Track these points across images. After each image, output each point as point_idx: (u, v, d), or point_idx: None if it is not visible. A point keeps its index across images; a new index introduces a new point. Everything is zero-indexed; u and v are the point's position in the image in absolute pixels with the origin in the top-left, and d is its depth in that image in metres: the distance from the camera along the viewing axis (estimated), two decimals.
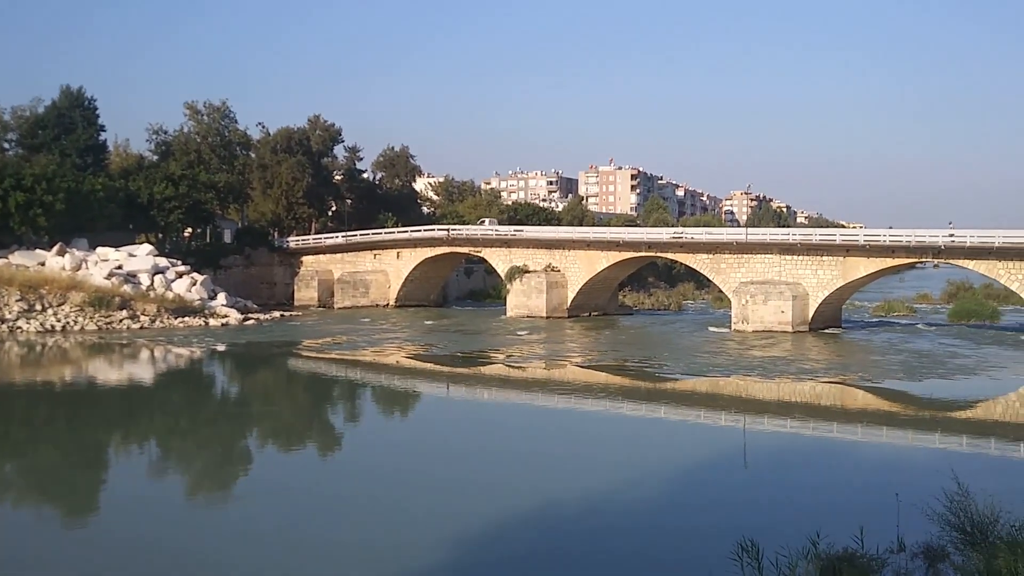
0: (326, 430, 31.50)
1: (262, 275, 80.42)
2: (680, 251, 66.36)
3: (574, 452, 26.20)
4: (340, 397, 38.03)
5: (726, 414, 31.95)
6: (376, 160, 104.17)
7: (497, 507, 19.43)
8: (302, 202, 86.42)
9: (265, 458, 26.88)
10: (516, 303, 69.22)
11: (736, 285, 60.66)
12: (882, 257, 57.31)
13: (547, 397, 36.08)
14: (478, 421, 32.07)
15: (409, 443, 28.19)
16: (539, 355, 48.02)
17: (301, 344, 51.38)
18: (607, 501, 20.20)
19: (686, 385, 39.02)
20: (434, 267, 78.63)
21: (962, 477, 13.02)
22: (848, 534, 12.60)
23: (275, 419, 33.61)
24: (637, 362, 45.19)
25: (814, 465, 24.85)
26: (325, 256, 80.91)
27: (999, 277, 53.96)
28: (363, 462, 25.20)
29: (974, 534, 12.26)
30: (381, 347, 50.57)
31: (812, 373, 40.68)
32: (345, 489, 21.59)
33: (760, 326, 57.61)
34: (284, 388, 41.57)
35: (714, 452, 26.08)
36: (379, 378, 41.61)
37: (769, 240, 62.10)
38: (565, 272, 69.29)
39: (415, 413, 35.11)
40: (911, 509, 14.05)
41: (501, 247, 72.84)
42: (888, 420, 31.75)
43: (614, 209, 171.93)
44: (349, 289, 77.45)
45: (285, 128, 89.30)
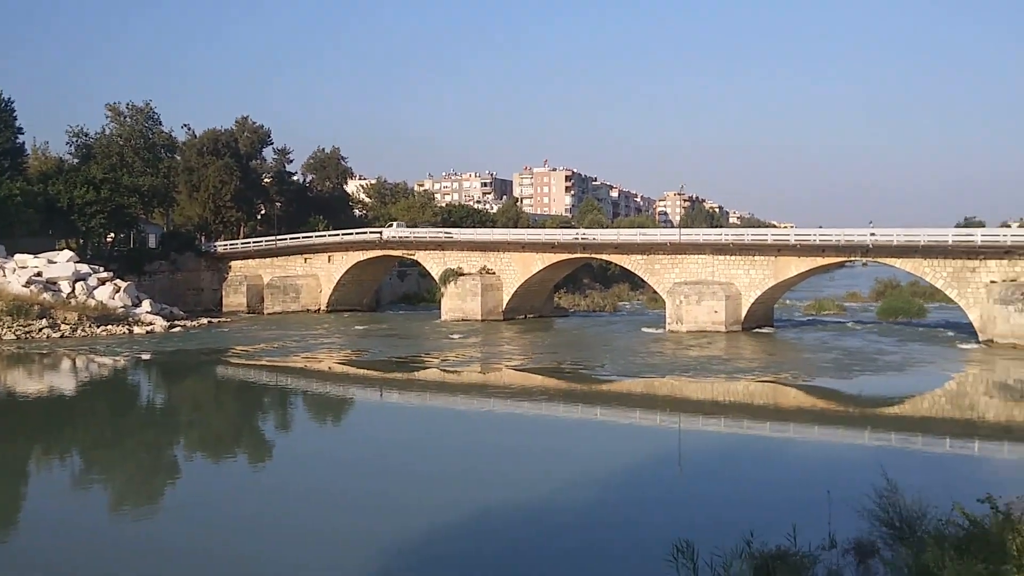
0: (256, 439, 30.67)
1: (189, 281, 78.61)
2: (615, 252, 66.68)
3: (510, 456, 25.91)
4: (270, 405, 37.17)
5: (661, 415, 32.01)
6: (306, 162, 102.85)
7: (429, 515, 19.02)
8: (230, 205, 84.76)
9: (193, 469, 26.01)
10: (451, 306, 68.78)
11: (670, 286, 61.12)
12: (812, 256, 58.30)
13: (483, 401, 35.81)
14: (412, 427, 31.55)
15: (341, 451, 27.59)
16: (475, 359, 47.69)
17: (230, 351, 50.20)
18: (542, 507, 19.93)
19: (622, 386, 39.05)
20: (367, 271, 77.77)
21: (891, 473, 13.06)
22: (781, 532, 12.52)
23: (203, 428, 32.67)
24: (573, 364, 45.14)
25: (748, 464, 24.97)
26: (254, 261, 79.47)
27: (924, 275, 55.33)
28: (293, 471, 24.54)
29: (903, 529, 12.30)
30: (313, 353, 49.67)
31: (745, 372, 41.08)
32: (275, 500, 20.97)
33: (694, 326, 58.11)
34: (212, 396, 40.48)
35: (650, 453, 26.04)
36: (310, 385, 40.82)
37: (702, 240, 62.74)
38: (500, 274, 69.08)
39: (347, 420, 34.45)
40: (842, 506, 14.06)
41: (435, 250, 72.34)
42: (820, 418, 32.16)
43: (549, 210, 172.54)
44: (279, 294, 76.16)
45: (212, 130, 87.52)
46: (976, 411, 34.33)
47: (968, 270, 52.74)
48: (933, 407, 35.24)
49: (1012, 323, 49.22)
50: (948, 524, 11.58)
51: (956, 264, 53.14)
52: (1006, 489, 12.65)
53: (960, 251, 53.12)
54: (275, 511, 19.93)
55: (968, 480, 19.81)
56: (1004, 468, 22.71)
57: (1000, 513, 11.17)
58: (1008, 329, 49.39)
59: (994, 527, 10.91)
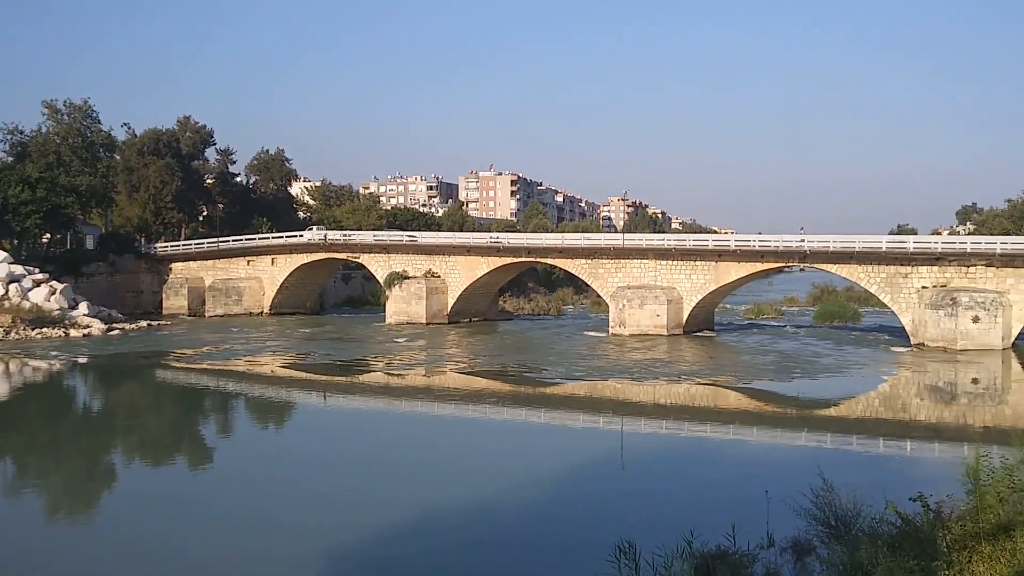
0: (196, 443, 30.20)
1: (128, 283, 77.03)
2: (560, 256, 67.05)
3: (454, 459, 25.94)
4: (211, 409, 36.63)
5: (604, 416, 32.29)
6: (250, 163, 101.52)
7: (372, 517, 18.97)
8: (171, 206, 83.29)
9: (131, 473, 25.55)
10: (395, 310, 68.51)
11: (613, 290, 61.69)
12: (752, 261, 59.34)
13: (427, 404, 35.76)
14: (356, 430, 31.39)
15: (283, 454, 27.32)
16: (419, 362, 47.57)
17: (170, 354, 49.31)
18: (486, 508, 20.01)
19: (566, 389, 39.30)
20: (310, 273, 77.08)
21: (827, 473, 13.42)
22: (721, 531, 12.79)
23: (142, 433, 32.05)
24: (517, 367, 45.29)
25: (689, 464, 25.35)
26: (196, 263, 78.20)
27: (859, 280, 56.71)
28: (235, 475, 24.26)
29: (838, 527, 12.65)
30: (255, 356, 49.08)
31: (687, 375, 41.66)
32: (216, 503, 20.73)
33: (637, 330, 58.72)
34: (151, 400, 39.74)
35: (593, 455, 26.26)
36: (252, 388, 40.31)
37: (645, 245, 63.43)
38: (445, 278, 69.01)
39: (290, 424, 34.09)
40: (780, 505, 14.41)
41: (380, 253, 71.97)
42: (759, 420, 32.76)
43: (494, 214, 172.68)
44: (221, 297, 75.09)
45: (153, 129, 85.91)
46: (908, 413, 35.29)
47: (901, 276, 54.22)
48: (867, 409, 36.12)
49: (942, 327, 50.71)
50: (882, 522, 11.93)
51: (889, 270, 54.59)
52: (937, 488, 13.06)
53: (893, 258, 54.58)
54: (212, 513, 19.73)
55: (901, 479, 20.35)
56: (935, 467, 23.36)
57: (931, 511, 11.54)
58: (938, 333, 50.89)
59: (925, 525, 11.26)
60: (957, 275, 52.63)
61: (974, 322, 49.90)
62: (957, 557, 10.42)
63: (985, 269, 51.97)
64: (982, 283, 51.80)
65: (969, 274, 52.34)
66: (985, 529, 10.69)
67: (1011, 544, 10.21)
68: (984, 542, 10.51)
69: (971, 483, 11.44)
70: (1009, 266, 51.43)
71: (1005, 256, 51.73)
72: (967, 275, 52.38)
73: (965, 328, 49.92)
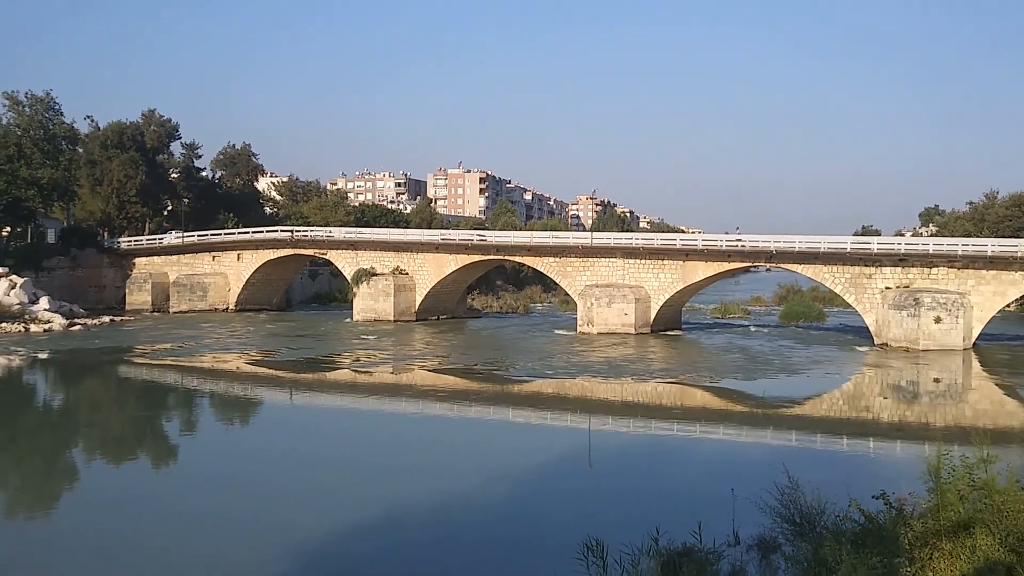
0: (159, 440, 29.81)
1: (90, 278, 75.96)
2: (528, 254, 67.10)
3: (421, 457, 25.83)
4: (175, 406, 36.19)
5: (572, 415, 32.34)
6: (216, 158, 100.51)
7: (338, 515, 18.87)
8: (135, 200, 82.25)
9: (93, 471, 25.16)
10: (363, 307, 68.19)
11: (582, 288, 61.87)
12: (719, 261, 59.78)
13: (395, 402, 35.62)
14: (322, 428, 31.13)
15: (248, 452, 27.04)
16: (387, 359, 47.36)
17: (133, 350, 48.72)
18: (453, 507, 19.95)
19: (533, 387, 39.31)
20: (277, 269, 76.53)
21: (792, 471, 13.53)
22: (688, 529, 12.85)
23: (104, 430, 31.57)
24: (485, 365, 45.25)
25: (656, 463, 25.46)
26: (160, 258, 77.34)
27: (824, 280, 57.36)
28: (199, 472, 23.96)
29: (803, 525, 12.76)
30: (220, 353, 48.59)
31: (654, 373, 41.87)
32: (179, 501, 20.45)
33: (605, 328, 58.94)
34: (114, 397, 39.18)
35: (561, 453, 26.28)
36: (217, 385, 39.90)
37: (613, 244, 63.69)
38: (414, 275, 68.82)
39: (255, 421, 33.75)
40: (746, 503, 14.49)
41: (347, 249, 71.60)
42: (725, 418, 32.98)
43: (463, 212, 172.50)
44: (186, 292, 74.32)
45: (117, 122, 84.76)
46: (871, 411, 35.72)
47: (865, 276, 54.91)
48: (832, 407, 36.51)
49: (905, 327, 51.43)
50: (845, 520, 12.04)
51: (854, 271, 55.27)
52: (899, 485, 13.22)
53: (857, 258, 55.27)
54: (175, 511, 19.48)
55: (864, 477, 20.57)
56: (897, 466, 23.65)
57: (893, 508, 11.68)
58: (901, 333, 51.60)
59: (888, 522, 11.39)
60: (920, 276, 53.40)
61: (936, 322, 50.64)
62: (919, 554, 10.56)
63: (947, 270, 52.78)
64: (944, 284, 52.60)
65: (931, 275, 53.13)
66: (946, 526, 10.84)
67: (971, 541, 10.36)
68: (945, 539, 10.65)
69: (932, 481, 11.59)
70: (970, 267, 52.28)
71: (966, 258, 52.59)
72: (929, 276, 53.17)
73: (927, 328, 50.65)
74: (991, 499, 11.06)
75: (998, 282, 51.98)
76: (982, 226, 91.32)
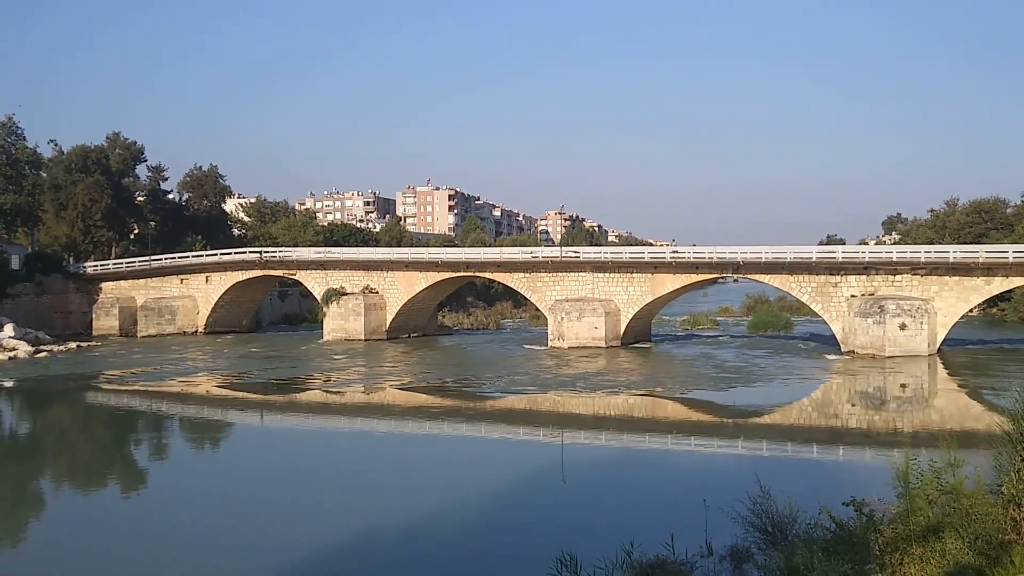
0: (127, 468, 29.41)
1: (56, 304, 74.85)
2: (498, 270, 67.15)
3: (394, 476, 25.72)
4: (144, 431, 35.71)
5: (545, 430, 32.36)
6: (183, 180, 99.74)
7: (311, 533, 18.71)
8: (101, 225, 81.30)
9: (61, 499, 24.79)
10: (333, 326, 67.85)
11: (552, 303, 62.01)
12: (687, 273, 60.20)
13: (366, 421, 35.43)
14: (294, 448, 30.89)
15: (220, 475, 26.80)
16: (358, 379, 47.13)
17: (101, 376, 48.06)
18: (428, 524, 19.88)
19: (506, 403, 39.30)
20: (246, 291, 75.94)
21: (764, 480, 13.62)
22: (661, 541, 12.92)
23: (71, 458, 31.12)
24: (457, 382, 45.16)
25: (629, 476, 25.53)
26: (127, 282, 76.42)
27: (791, 290, 57.94)
28: (170, 498, 23.65)
29: (775, 534, 12.83)
30: (190, 377, 48.05)
31: (625, 387, 42.01)
32: (151, 526, 20.18)
33: (575, 342, 59.07)
34: (81, 424, 38.61)
35: (534, 468, 26.28)
36: (187, 409, 39.44)
37: (583, 259, 63.92)
38: (384, 294, 68.61)
39: (226, 444, 33.42)
40: (718, 513, 14.57)
41: (317, 269, 71.24)
42: (696, 429, 33.15)
43: (432, 229, 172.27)
44: (154, 316, 73.51)
45: (81, 146, 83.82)
46: (840, 419, 36.09)
47: (831, 285, 55.56)
48: (801, 416, 36.84)
49: (871, 335, 52.06)
50: (817, 527, 12.14)
51: (820, 280, 55.90)
52: (869, 492, 13.35)
53: (823, 267, 55.92)
54: (146, 541, 19.22)
55: (835, 484, 20.73)
56: (867, 472, 23.88)
57: (863, 515, 11.79)
58: (867, 340, 52.22)
59: (859, 529, 11.50)
60: (884, 284, 54.13)
61: (901, 329, 51.31)
62: (889, 559, 10.66)
63: (911, 277, 53.55)
64: (908, 291, 53.34)
65: (896, 282, 53.87)
66: (915, 531, 10.95)
67: (940, 545, 10.48)
68: (915, 544, 10.76)
69: (901, 487, 11.72)
70: (933, 274, 53.09)
71: (929, 264, 53.40)
72: (894, 283, 53.91)
73: (893, 335, 51.31)
74: (959, 503, 11.18)
75: (961, 288, 52.81)
76: (944, 233, 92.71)
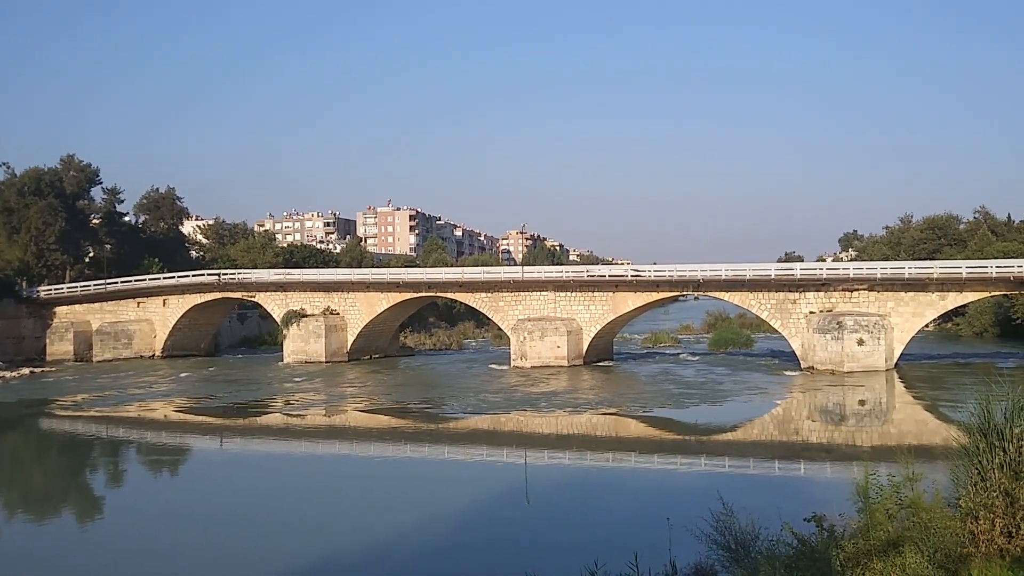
0: (85, 494, 28.82)
1: (8, 329, 73.19)
2: (460, 290, 67.04)
3: (356, 496, 25.50)
4: (100, 457, 34.99)
5: (508, 450, 32.27)
6: (139, 202, 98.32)
7: (274, 555, 18.43)
8: (54, 248, 79.84)
9: (15, 529, 24.13)
10: (293, 349, 67.21)
11: (514, 322, 62.00)
12: (648, 291, 60.57)
13: (327, 444, 35.12)
14: (254, 475, 30.45)
15: (178, 502, 26.28)
16: (319, 402, 46.67)
17: (55, 402, 47.06)
18: (391, 543, 19.72)
19: (469, 424, 39.14)
20: (204, 314, 74.95)
21: (726, 497, 13.62)
22: (625, 560, 12.83)
23: (23, 486, 30.44)
24: (419, 403, 44.90)
25: (592, 495, 25.51)
26: (82, 306, 75.09)
27: (751, 307, 58.53)
28: (126, 526, 23.20)
29: (738, 551, 12.84)
30: (147, 402, 47.22)
31: (588, 405, 42.05)
32: (103, 557, 19.75)
33: (538, 362, 59.07)
34: (34, 451, 37.76)
35: (497, 488, 26.20)
36: (144, 435, 38.75)
37: (544, 278, 64.06)
38: (345, 315, 68.14)
39: (185, 470, 32.87)
40: (682, 531, 14.55)
41: (276, 291, 70.58)
42: (659, 447, 33.26)
43: (393, 250, 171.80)
44: (110, 340, 72.26)
45: (34, 168, 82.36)
46: (801, 435, 36.42)
47: (790, 302, 56.21)
48: (763, 432, 37.13)
49: (829, 351, 52.70)
50: (779, 544, 12.16)
51: (779, 296, 56.54)
52: (830, 507, 13.42)
53: (782, 284, 56.58)
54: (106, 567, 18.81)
55: (796, 500, 20.88)
56: (828, 487, 24.07)
57: (825, 531, 11.85)
58: (826, 356, 52.85)
59: (820, 544, 11.54)
60: (842, 300, 54.88)
61: (859, 345, 52.01)
62: (850, 574, 10.72)
63: (867, 293, 54.36)
64: (865, 307, 54.12)
65: (853, 299, 54.64)
66: (876, 546, 11.02)
67: (900, 559, 10.56)
68: (875, 558, 10.83)
69: (861, 501, 11.81)
70: (889, 290, 53.94)
71: (885, 280, 54.26)
72: (851, 300, 54.68)
73: (851, 351, 51.98)
74: (918, 517, 11.29)
75: (916, 303, 53.70)
76: (899, 249, 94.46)
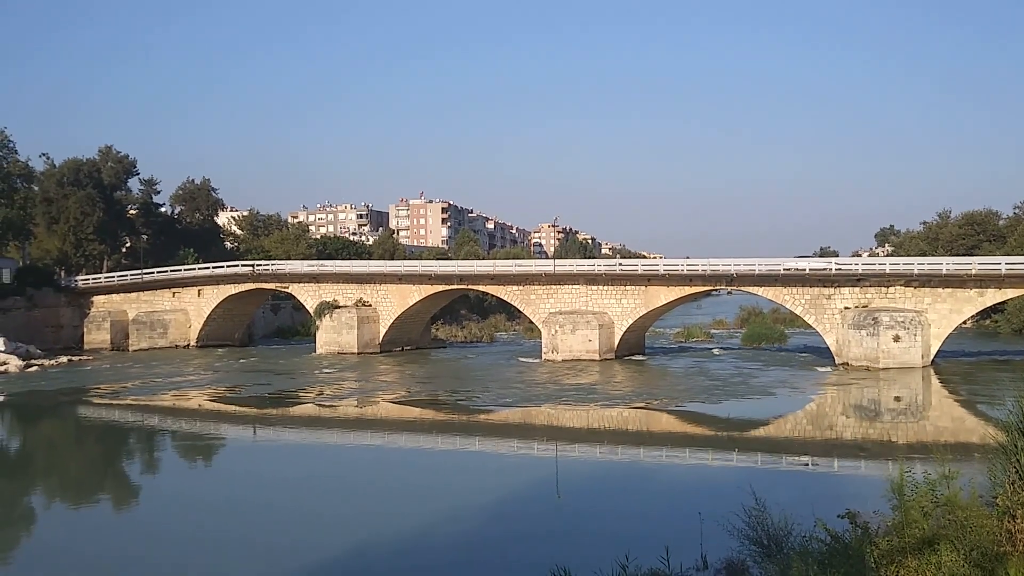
0: (119, 483, 29.26)
1: (47, 317, 74.49)
2: (491, 283, 67.10)
3: (387, 488, 25.64)
4: (136, 446, 35.55)
5: (539, 443, 32.26)
6: (175, 193, 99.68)
7: (307, 547, 18.58)
8: (92, 238, 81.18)
9: (52, 517, 24.59)
10: (326, 340, 67.67)
11: (545, 316, 61.93)
12: (681, 286, 60.19)
13: (359, 435, 35.31)
14: (287, 465, 30.73)
15: (212, 491, 26.62)
16: (351, 393, 46.96)
17: (92, 391, 47.82)
18: (421, 535, 19.81)
19: (499, 416, 39.19)
20: (238, 304, 75.72)
21: (759, 492, 13.54)
22: (656, 554, 12.82)
23: (63, 474, 30.96)
24: (450, 395, 45.05)
25: (623, 489, 25.45)
26: (119, 296, 76.18)
27: (785, 302, 57.98)
28: (160, 515, 23.53)
29: (770, 546, 12.76)
30: (182, 391, 47.84)
31: (619, 399, 41.93)
32: (140, 545, 20.03)
33: (569, 355, 58.98)
34: (73, 439, 38.40)
35: (528, 482, 26.19)
36: (179, 424, 39.29)
37: (576, 271, 63.92)
38: (377, 307, 68.48)
39: (219, 459, 33.24)
40: (714, 526, 14.50)
41: (310, 282, 71.10)
42: (690, 442, 33.09)
43: (425, 242, 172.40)
44: (146, 330, 73.25)
45: (73, 159, 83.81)
46: (835, 431, 36.04)
47: (824, 297, 55.59)
48: (796, 428, 36.80)
49: (865, 347, 52.08)
50: (812, 540, 12.06)
51: (813, 292, 55.94)
52: (864, 504, 13.30)
53: (817, 279, 55.97)
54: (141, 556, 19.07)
55: (830, 496, 20.69)
56: (862, 484, 23.84)
57: (858, 528, 11.72)
58: (861, 352, 52.24)
59: (854, 541, 11.43)
60: (878, 295, 54.19)
61: (895, 341, 51.34)
62: (884, 572, 10.60)
63: (904, 289, 53.62)
64: (901, 303, 53.40)
65: (889, 294, 53.93)
66: (910, 543, 10.89)
67: (935, 558, 10.42)
68: (910, 556, 10.70)
69: (896, 499, 11.67)
70: (926, 286, 53.16)
71: (922, 276, 53.50)
72: (887, 295, 53.97)
73: (887, 347, 51.32)
74: (954, 515, 11.14)
75: (954, 300, 52.89)
76: (936, 245, 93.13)
